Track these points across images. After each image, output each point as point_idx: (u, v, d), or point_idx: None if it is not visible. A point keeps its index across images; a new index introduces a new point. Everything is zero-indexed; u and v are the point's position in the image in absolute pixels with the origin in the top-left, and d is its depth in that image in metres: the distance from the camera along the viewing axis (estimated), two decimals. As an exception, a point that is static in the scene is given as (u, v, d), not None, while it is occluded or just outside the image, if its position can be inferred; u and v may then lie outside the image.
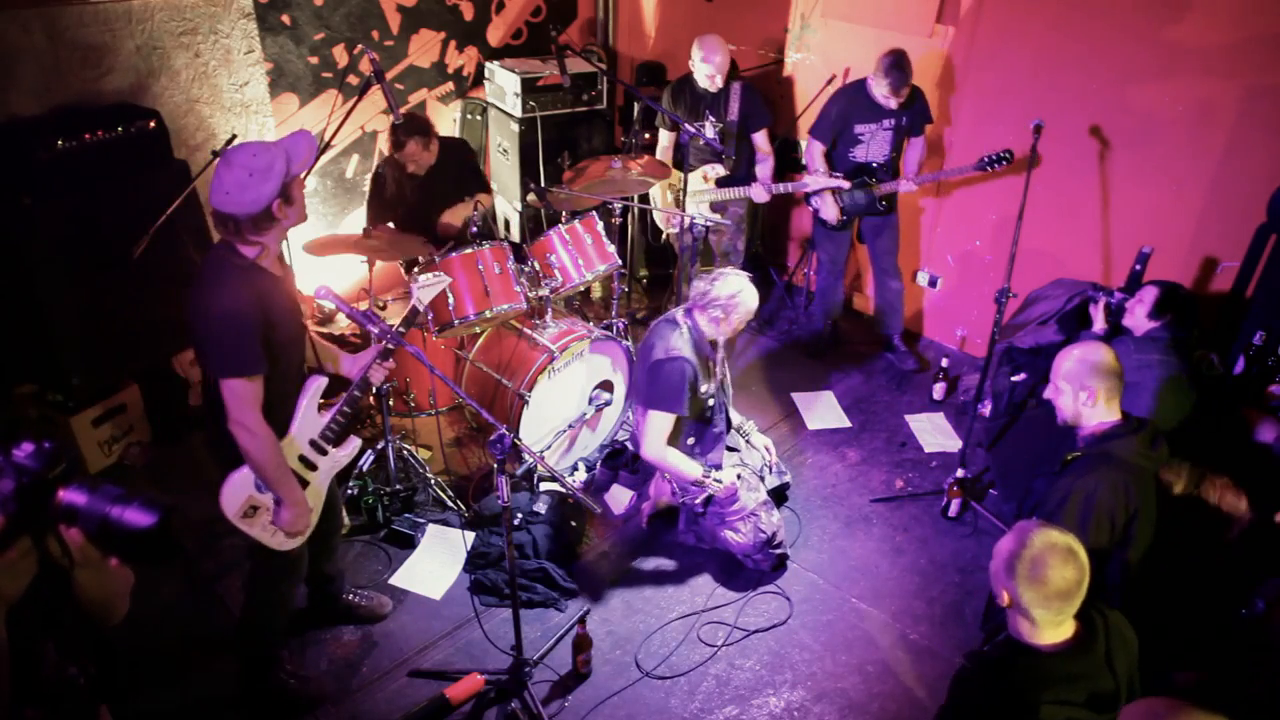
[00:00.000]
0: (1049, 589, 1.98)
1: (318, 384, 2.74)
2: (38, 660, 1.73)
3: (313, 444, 2.75)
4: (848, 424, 4.68)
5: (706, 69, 4.62)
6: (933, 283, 5.30)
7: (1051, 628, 2.04)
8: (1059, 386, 2.70)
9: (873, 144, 4.60)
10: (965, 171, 4.52)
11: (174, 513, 1.52)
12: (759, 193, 4.81)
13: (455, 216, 4.44)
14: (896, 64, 4.29)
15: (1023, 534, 2.05)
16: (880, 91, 4.39)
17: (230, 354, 2.42)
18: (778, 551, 3.65)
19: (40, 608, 1.72)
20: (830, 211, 4.79)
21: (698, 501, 3.57)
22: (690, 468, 3.48)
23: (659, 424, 3.42)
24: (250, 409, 2.45)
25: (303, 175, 2.49)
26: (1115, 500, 2.51)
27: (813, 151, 4.77)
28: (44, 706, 1.73)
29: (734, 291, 3.37)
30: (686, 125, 4.19)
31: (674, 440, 3.48)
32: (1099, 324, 3.73)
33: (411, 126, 4.11)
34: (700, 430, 3.60)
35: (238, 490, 2.59)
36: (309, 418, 2.72)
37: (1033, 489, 2.88)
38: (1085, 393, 2.62)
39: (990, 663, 2.14)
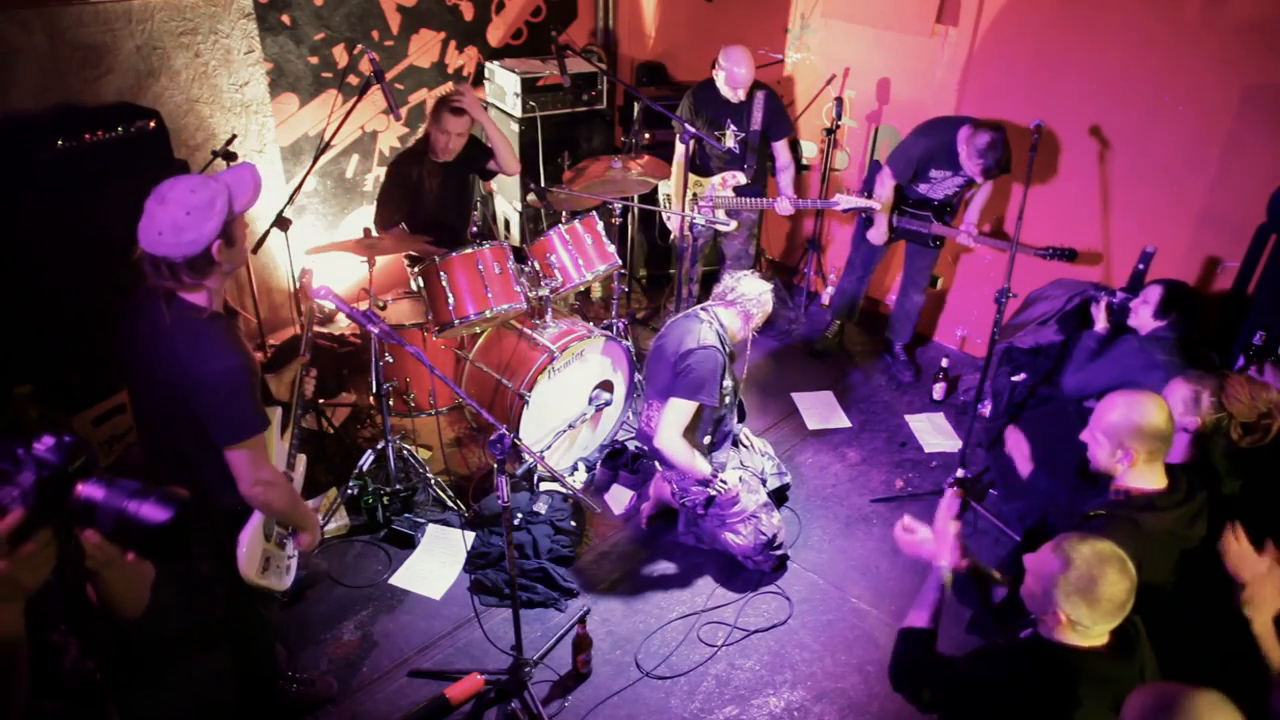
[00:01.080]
0: (1106, 604, 1.92)
1: (278, 415, 2.64)
2: (59, 652, 1.75)
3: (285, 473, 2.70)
4: (848, 424, 4.68)
5: (722, 75, 4.53)
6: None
7: (1096, 637, 1.99)
8: (1096, 438, 2.46)
9: (940, 185, 4.51)
10: (1025, 252, 4.36)
11: (189, 507, 1.53)
12: (784, 206, 4.74)
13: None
14: (994, 146, 4.09)
15: (1065, 551, 1.96)
16: (970, 166, 4.23)
17: (239, 418, 2.25)
18: (778, 553, 3.65)
19: (60, 601, 1.74)
20: (879, 234, 4.72)
21: (698, 502, 3.57)
22: (700, 465, 3.49)
23: (680, 414, 3.40)
24: (266, 463, 2.34)
25: (244, 214, 2.29)
26: None
27: (884, 182, 4.59)
28: (64, 700, 1.75)
29: (761, 290, 3.52)
30: (687, 126, 4.18)
31: (689, 437, 3.48)
32: (1101, 323, 3.71)
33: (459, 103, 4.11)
34: (714, 427, 3.60)
35: (253, 549, 2.49)
36: (279, 451, 2.64)
37: (1052, 525, 2.76)
38: (1122, 452, 2.39)
39: (1018, 658, 2.08)
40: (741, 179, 4.76)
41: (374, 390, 3.74)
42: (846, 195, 4.67)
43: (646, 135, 5.31)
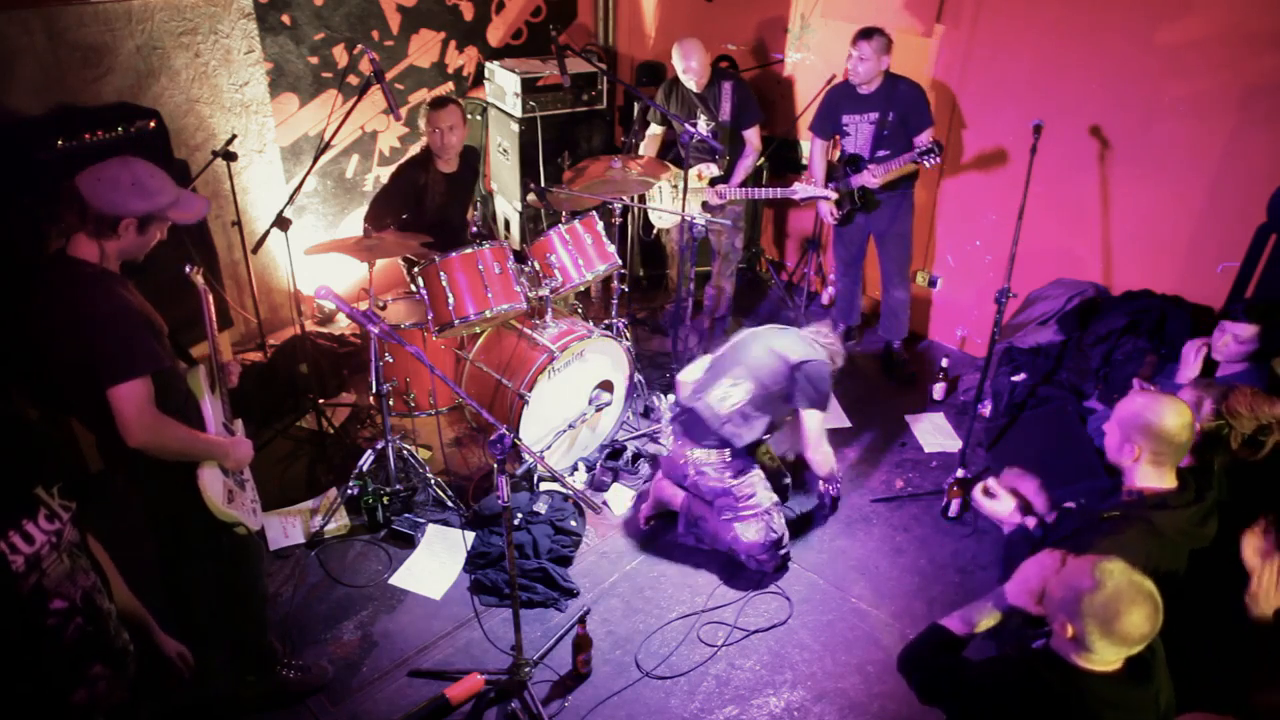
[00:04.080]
0: (1120, 638, 1.86)
1: (202, 373, 2.68)
2: (107, 617, 1.84)
3: (225, 427, 2.72)
4: (848, 424, 4.67)
5: (681, 66, 4.66)
6: (933, 283, 5.30)
7: (1102, 662, 1.95)
8: (1111, 425, 2.49)
9: (859, 131, 4.60)
10: (904, 161, 4.38)
11: None
12: (712, 195, 4.79)
13: None
14: (861, 30, 4.32)
15: (1102, 572, 1.90)
16: (850, 68, 4.44)
17: (124, 354, 2.27)
18: (782, 553, 3.66)
19: (100, 577, 1.86)
20: (826, 212, 4.83)
21: (715, 490, 3.63)
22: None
23: (820, 422, 3.68)
24: (152, 407, 2.33)
25: (165, 224, 2.43)
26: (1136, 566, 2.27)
27: (812, 148, 4.82)
28: (110, 666, 1.83)
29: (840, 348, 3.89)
30: (688, 127, 4.19)
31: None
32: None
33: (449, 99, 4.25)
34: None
35: (213, 481, 2.52)
36: (215, 409, 2.67)
37: (1061, 524, 2.77)
38: (1129, 446, 2.40)
39: (1028, 669, 2.04)
40: (715, 170, 4.79)
41: (374, 390, 3.74)
42: (804, 185, 4.73)
43: (646, 135, 5.31)
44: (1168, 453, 2.37)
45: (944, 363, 4.86)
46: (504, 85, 5.41)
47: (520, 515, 3.84)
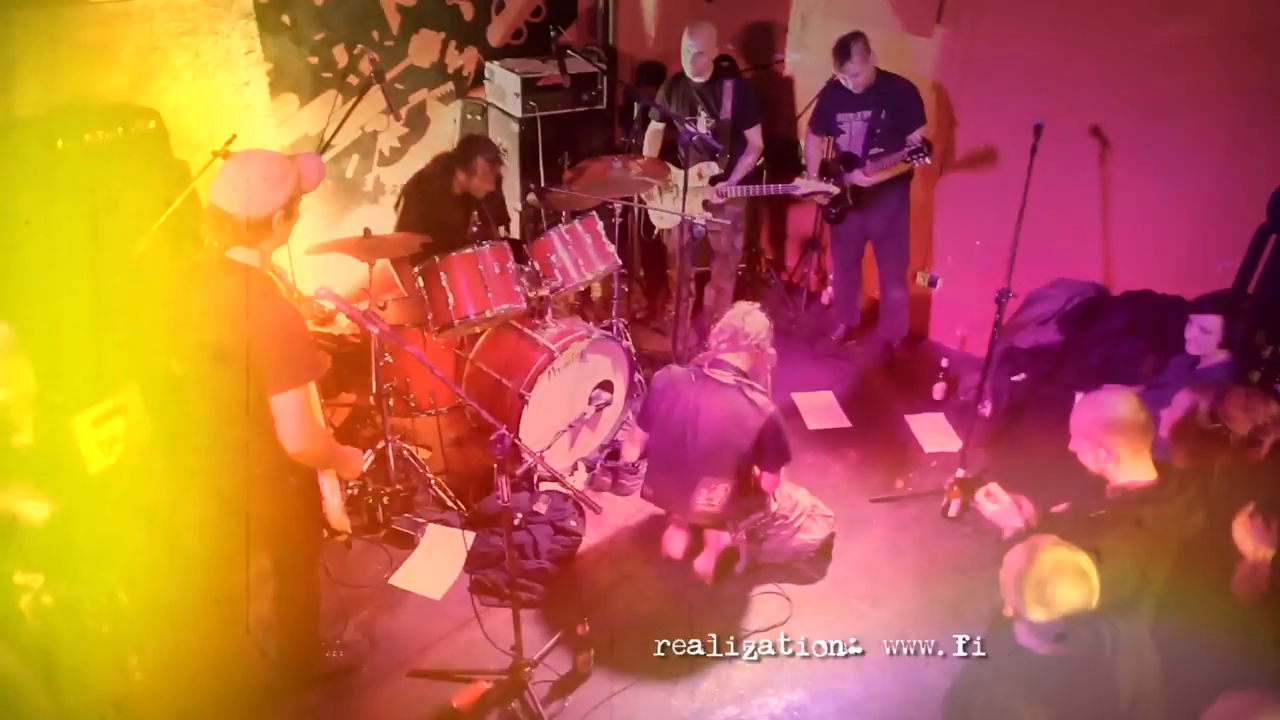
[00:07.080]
0: (1055, 611, 1.96)
1: None
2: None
3: None
4: (847, 424, 4.67)
5: (689, 47, 4.59)
6: (932, 283, 5.30)
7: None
8: (1078, 444, 2.51)
9: (853, 130, 4.60)
10: (895, 160, 4.41)
11: None
12: (712, 194, 4.79)
13: None
14: (838, 47, 4.36)
15: (1034, 550, 2.02)
16: (843, 76, 4.46)
17: (295, 361, 2.35)
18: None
19: None
20: (818, 201, 4.84)
21: (765, 522, 3.57)
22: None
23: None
24: (311, 413, 2.40)
25: (300, 199, 2.46)
26: (1124, 566, 2.33)
27: (808, 146, 4.83)
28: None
29: (759, 320, 3.35)
30: (688, 126, 4.18)
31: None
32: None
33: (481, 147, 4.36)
34: None
35: (333, 491, 2.61)
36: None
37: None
38: (1103, 450, 2.42)
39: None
40: (715, 169, 4.78)
41: (374, 390, 3.74)
42: (805, 180, 4.71)
43: (647, 133, 5.31)
44: (1138, 436, 2.40)
45: (944, 363, 4.85)
46: (504, 85, 5.41)
47: (520, 515, 3.84)
